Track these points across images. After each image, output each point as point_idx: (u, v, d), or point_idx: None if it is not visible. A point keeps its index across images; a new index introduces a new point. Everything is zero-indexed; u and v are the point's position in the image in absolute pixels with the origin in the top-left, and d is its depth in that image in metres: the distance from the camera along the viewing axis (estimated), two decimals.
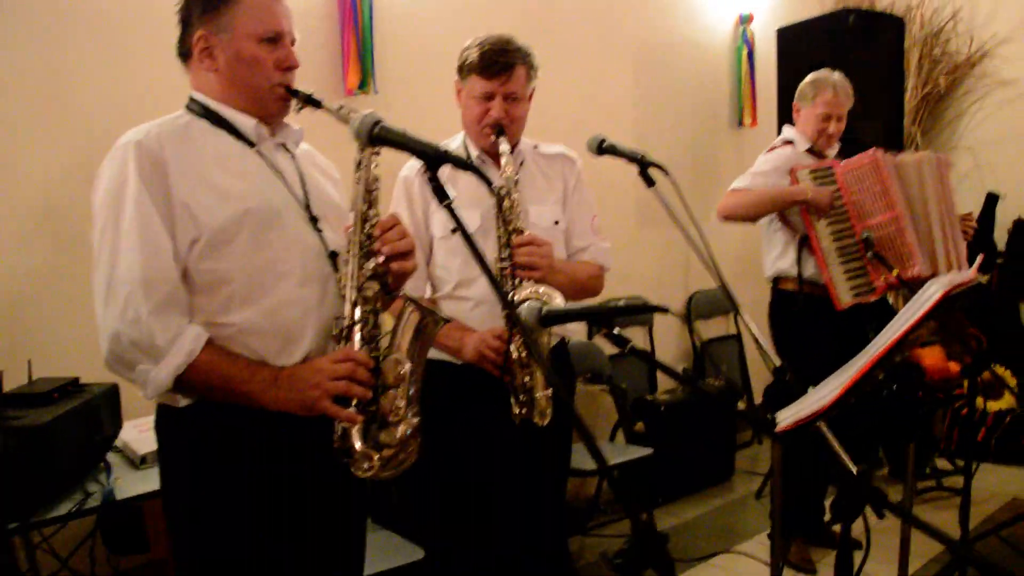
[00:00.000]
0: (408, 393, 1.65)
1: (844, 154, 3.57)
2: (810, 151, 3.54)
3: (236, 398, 1.60)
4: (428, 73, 3.58)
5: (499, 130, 2.27)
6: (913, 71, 5.79)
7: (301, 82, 1.82)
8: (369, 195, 1.70)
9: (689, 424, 4.36)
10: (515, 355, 2.18)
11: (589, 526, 3.98)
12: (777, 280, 3.60)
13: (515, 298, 2.10)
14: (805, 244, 3.40)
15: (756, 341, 2.07)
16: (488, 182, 1.48)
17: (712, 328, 5.21)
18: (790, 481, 3.51)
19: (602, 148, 2.26)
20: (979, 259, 2.91)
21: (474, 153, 2.38)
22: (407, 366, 1.64)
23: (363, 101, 3.53)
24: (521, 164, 2.38)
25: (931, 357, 5.28)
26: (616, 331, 1.53)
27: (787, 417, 1.48)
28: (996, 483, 4.59)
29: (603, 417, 4.11)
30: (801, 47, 4.72)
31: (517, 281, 2.18)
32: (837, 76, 3.53)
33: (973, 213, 3.68)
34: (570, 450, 3.17)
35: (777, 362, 2.03)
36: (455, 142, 2.44)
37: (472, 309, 2.33)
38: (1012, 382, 5.11)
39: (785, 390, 1.98)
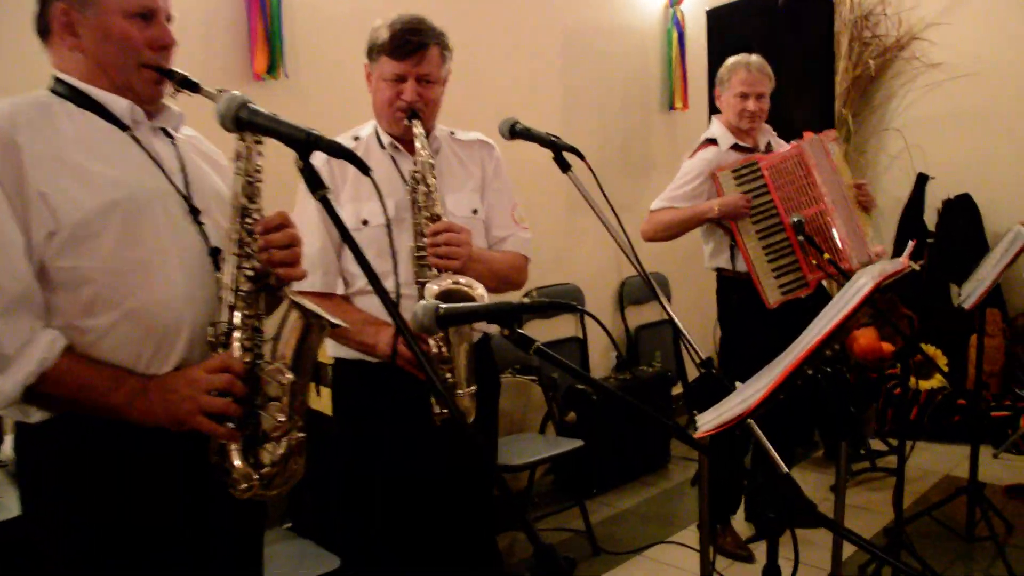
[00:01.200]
0: (291, 405, 1.52)
1: (782, 138, 3.55)
2: (736, 147, 3.47)
3: (100, 411, 1.45)
4: (344, 57, 3.42)
5: (412, 114, 2.14)
6: (844, 54, 5.79)
7: (206, 68, 1.67)
8: (250, 187, 1.57)
9: (623, 412, 4.29)
10: (435, 351, 2.06)
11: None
12: (719, 269, 3.56)
13: (436, 289, 1.97)
14: (735, 245, 3.36)
15: (680, 334, 1.98)
16: (365, 170, 1.35)
17: (646, 313, 5.15)
18: (721, 467, 3.48)
19: (515, 131, 2.15)
20: (911, 246, 2.87)
21: (386, 140, 2.25)
22: (289, 376, 1.51)
23: (273, 87, 3.38)
24: (437, 151, 2.25)
25: (864, 338, 5.31)
26: (519, 331, 1.43)
27: (708, 421, 1.39)
28: (929, 461, 4.62)
29: (534, 409, 4.02)
30: (731, 29, 4.67)
31: (434, 271, 2.07)
32: (754, 57, 3.49)
33: (867, 182, 3.65)
34: (495, 447, 3.08)
35: (703, 355, 1.95)
36: (366, 129, 2.30)
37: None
38: (943, 361, 5.15)
39: (711, 385, 1.91)
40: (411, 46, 2.12)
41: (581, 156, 2.05)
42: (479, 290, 1.98)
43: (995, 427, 4.87)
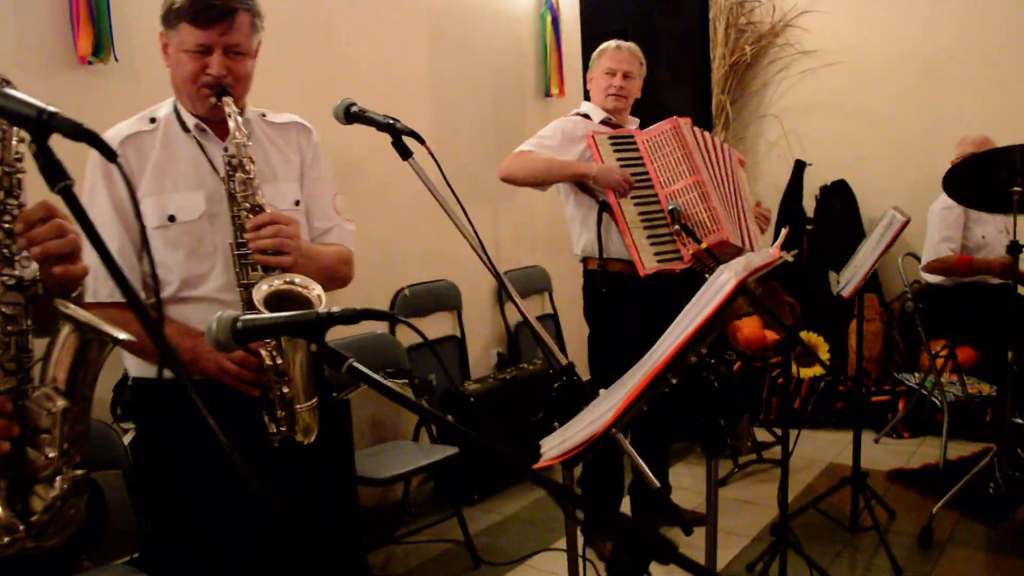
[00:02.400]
0: (65, 437, 1.25)
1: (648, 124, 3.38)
2: (606, 122, 3.35)
3: None
4: None
5: (221, 90, 1.86)
6: (720, 40, 5.75)
7: (21, 51, 1.36)
8: (9, 179, 1.29)
9: (504, 413, 4.09)
10: (268, 363, 1.79)
11: (397, 534, 3.65)
12: (585, 260, 3.36)
13: (266, 291, 1.70)
14: (606, 209, 3.16)
15: (540, 339, 1.77)
16: (111, 156, 1.06)
17: (528, 308, 4.95)
18: (594, 472, 3.32)
19: (350, 114, 1.90)
20: (783, 234, 2.76)
21: (191, 121, 1.94)
22: (61, 403, 1.24)
23: (101, 72, 3.02)
24: (249, 136, 1.93)
25: (748, 327, 5.27)
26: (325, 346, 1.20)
27: (552, 448, 1.18)
28: (813, 449, 4.59)
29: (407, 415, 3.78)
30: (604, 13, 4.52)
31: (258, 271, 1.79)
32: (628, 41, 3.41)
33: (770, 209, 3.58)
34: (352, 460, 2.82)
35: (563, 360, 1.75)
36: (164, 108, 1.98)
37: (206, 311, 1.89)
38: (824, 348, 5.15)
39: (574, 394, 1.71)
40: (216, 11, 1.82)
41: (421, 140, 1.82)
42: (316, 290, 1.72)
43: (876, 411, 4.89)
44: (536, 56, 5.05)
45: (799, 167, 5.70)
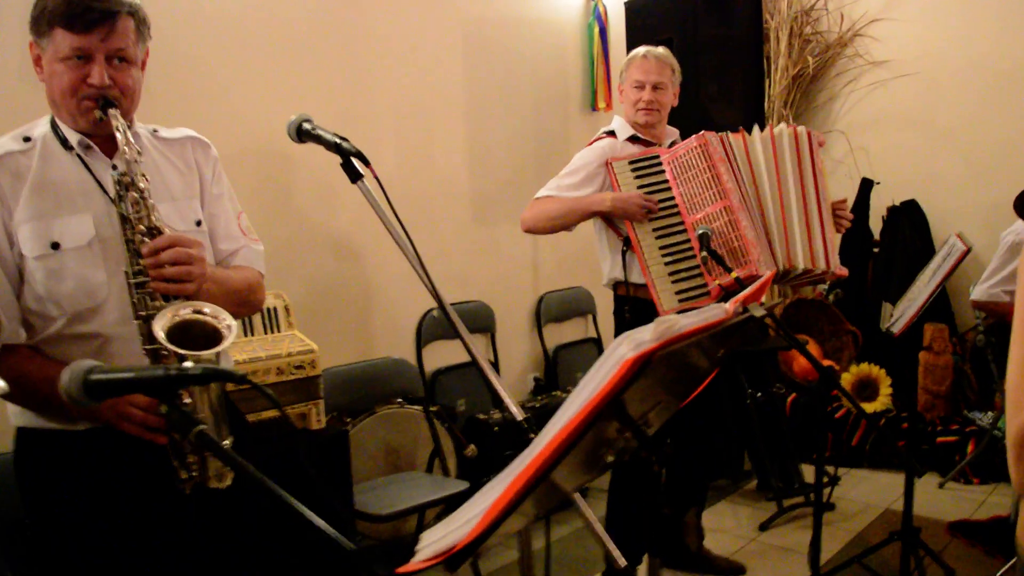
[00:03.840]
0: None
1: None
2: (634, 139, 3.13)
3: None
4: None
5: (105, 102, 1.65)
6: (783, 51, 5.43)
7: None
8: None
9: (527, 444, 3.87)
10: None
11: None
12: (615, 286, 3.18)
13: (169, 322, 1.51)
14: (629, 246, 2.98)
15: (491, 386, 1.56)
16: None
17: (568, 332, 4.75)
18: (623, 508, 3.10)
19: (302, 132, 1.72)
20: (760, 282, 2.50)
21: (74, 138, 1.73)
22: None
23: None
24: (139, 153, 1.72)
25: (803, 357, 4.94)
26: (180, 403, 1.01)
27: (427, 545, 0.97)
28: (869, 492, 4.25)
29: (423, 444, 3.59)
30: (650, 23, 4.29)
31: (158, 300, 1.58)
32: (659, 48, 3.16)
33: (848, 200, 3.27)
34: (350, 494, 2.64)
35: (519, 415, 1.53)
36: (40, 127, 1.76)
37: (100, 349, 1.71)
38: (887, 383, 4.78)
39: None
40: (95, 14, 1.62)
41: (367, 163, 1.62)
42: (227, 320, 1.53)
43: (941, 453, 4.51)
44: (583, 68, 4.84)
45: (866, 186, 5.33)
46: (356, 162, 1.63)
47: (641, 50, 3.13)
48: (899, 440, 4.64)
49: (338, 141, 1.65)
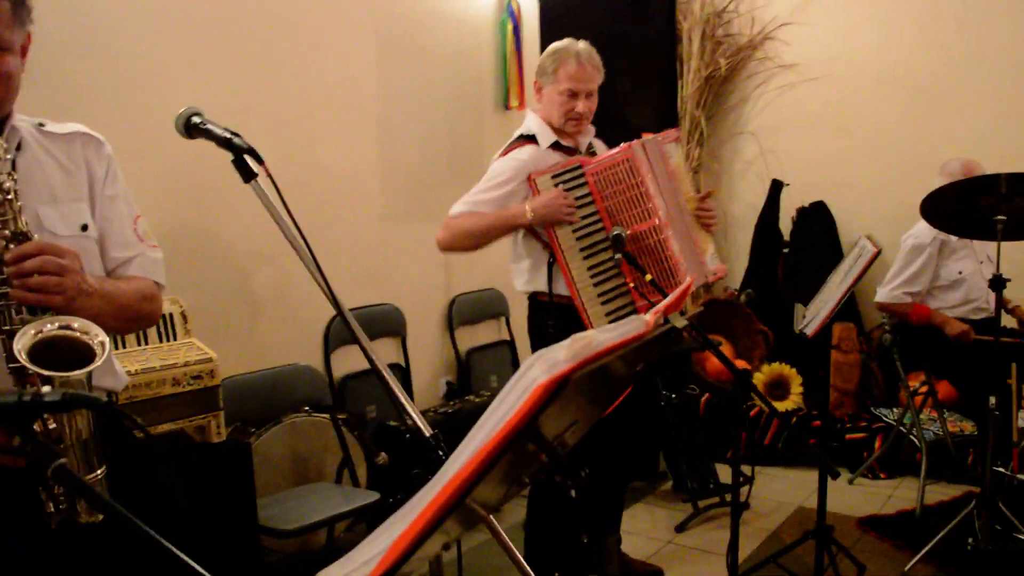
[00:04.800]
0: None
1: (611, 143, 3.00)
2: (557, 146, 2.94)
3: None
4: None
5: None
6: (695, 52, 5.45)
7: None
8: None
9: (450, 448, 3.76)
10: (39, 428, 1.43)
11: None
12: (535, 293, 3.02)
13: (32, 338, 1.35)
14: (554, 261, 2.84)
15: (395, 398, 1.46)
16: None
17: (480, 334, 4.66)
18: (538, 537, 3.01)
19: (190, 127, 1.59)
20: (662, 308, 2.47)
21: None
22: None
23: None
24: (19, 148, 1.59)
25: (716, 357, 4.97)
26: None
27: None
28: (782, 490, 4.29)
29: (331, 454, 3.46)
30: (565, 21, 4.24)
31: (20, 313, 1.43)
32: (582, 45, 2.92)
33: (713, 192, 3.22)
34: (254, 509, 2.50)
35: (428, 431, 1.44)
36: None
37: None
38: (798, 382, 4.84)
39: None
40: None
41: (260, 160, 1.50)
42: (100, 337, 1.38)
43: (850, 449, 4.58)
44: (496, 65, 4.76)
45: (776, 187, 5.40)
46: (249, 160, 1.51)
47: (572, 50, 2.89)
48: (810, 438, 4.70)
49: (229, 136, 1.52)
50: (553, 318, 2.92)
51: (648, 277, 2.70)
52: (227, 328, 3.44)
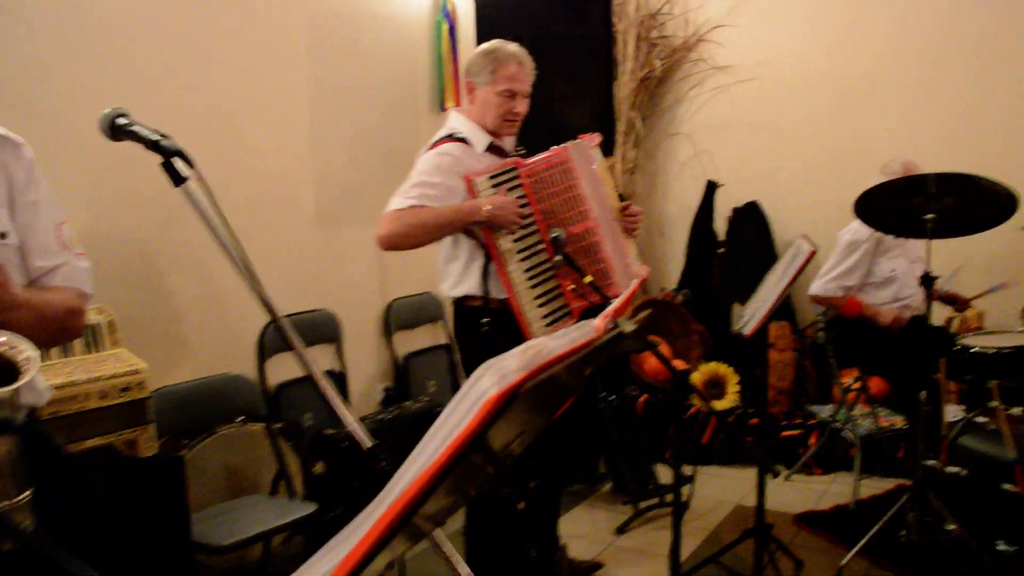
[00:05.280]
0: None
1: (549, 144, 2.92)
2: (492, 148, 2.87)
3: None
4: None
5: None
6: (631, 54, 5.48)
7: None
8: None
9: (389, 459, 3.70)
10: None
11: None
12: (465, 297, 2.90)
13: None
14: (490, 262, 2.77)
15: (336, 410, 1.41)
16: None
17: (417, 339, 4.61)
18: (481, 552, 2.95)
19: (115, 128, 1.52)
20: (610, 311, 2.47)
21: None
22: None
23: None
24: None
25: (655, 356, 4.99)
26: None
27: None
28: (721, 489, 4.33)
29: (266, 465, 3.38)
30: (501, 21, 4.21)
31: None
32: (516, 46, 2.88)
33: (633, 203, 3.23)
34: (187, 525, 2.41)
35: (368, 442, 1.39)
36: None
37: None
38: (734, 380, 4.89)
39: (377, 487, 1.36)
40: None
41: (191, 163, 1.44)
42: (26, 352, 1.31)
43: (786, 447, 4.65)
44: (431, 66, 4.71)
45: (710, 188, 5.46)
46: (179, 163, 1.44)
47: (511, 52, 2.84)
48: (747, 436, 4.76)
49: (157, 138, 1.46)
50: (489, 316, 2.82)
51: (588, 279, 2.69)
52: (157, 337, 3.33)
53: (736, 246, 5.36)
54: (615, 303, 1.12)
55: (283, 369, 3.76)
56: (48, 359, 2.71)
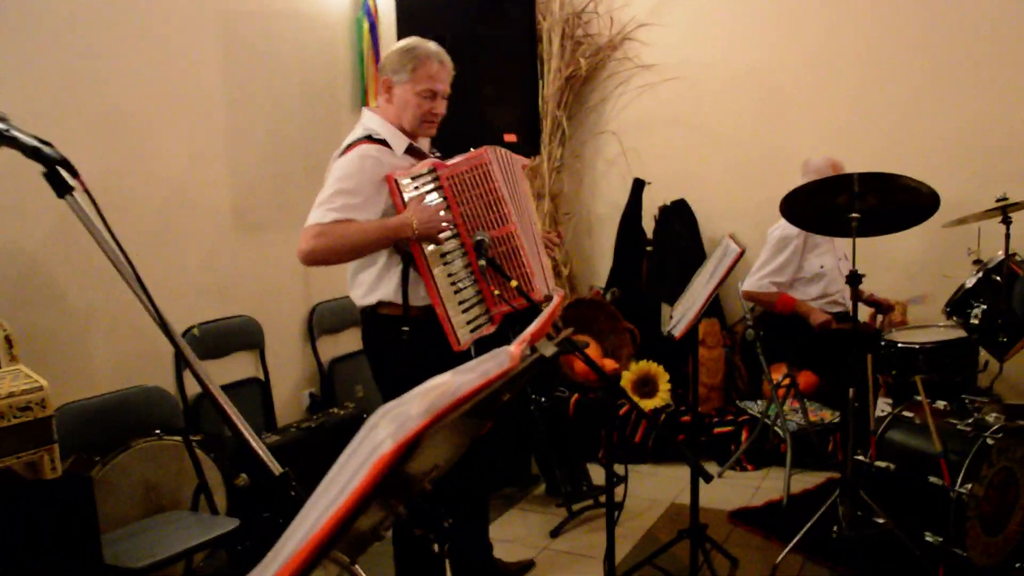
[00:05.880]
0: None
1: (472, 144, 2.85)
2: (411, 150, 2.76)
3: None
4: None
5: None
6: (556, 52, 5.43)
7: None
8: None
9: (311, 467, 3.58)
10: None
11: None
12: (379, 304, 2.77)
13: None
14: (411, 264, 2.66)
15: (235, 429, 1.32)
16: None
17: (342, 343, 4.49)
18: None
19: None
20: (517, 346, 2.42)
21: None
22: None
23: None
24: None
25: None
26: None
27: None
28: (655, 487, 4.31)
29: (186, 479, 3.23)
30: (423, 20, 4.10)
31: None
32: (435, 45, 2.79)
33: (558, 231, 3.22)
34: (97, 547, 2.29)
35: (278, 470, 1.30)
36: None
37: None
38: (665, 379, 4.89)
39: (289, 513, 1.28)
40: None
41: (75, 173, 1.33)
42: None
43: (719, 443, 4.66)
44: (352, 65, 4.59)
45: (638, 186, 5.45)
46: (63, 172, 1.33)
47: (431, 51, 2.74)
48: (679, 434, 4.75)
49: (38, 146, 1.34)
50: (408, 323, 2.70)
51: (514, 283, 2.63)
52: (62, 352, 3.15)
53: (664, 244, 5.36)
54: (532, 326, 1.05)
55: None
56: None
